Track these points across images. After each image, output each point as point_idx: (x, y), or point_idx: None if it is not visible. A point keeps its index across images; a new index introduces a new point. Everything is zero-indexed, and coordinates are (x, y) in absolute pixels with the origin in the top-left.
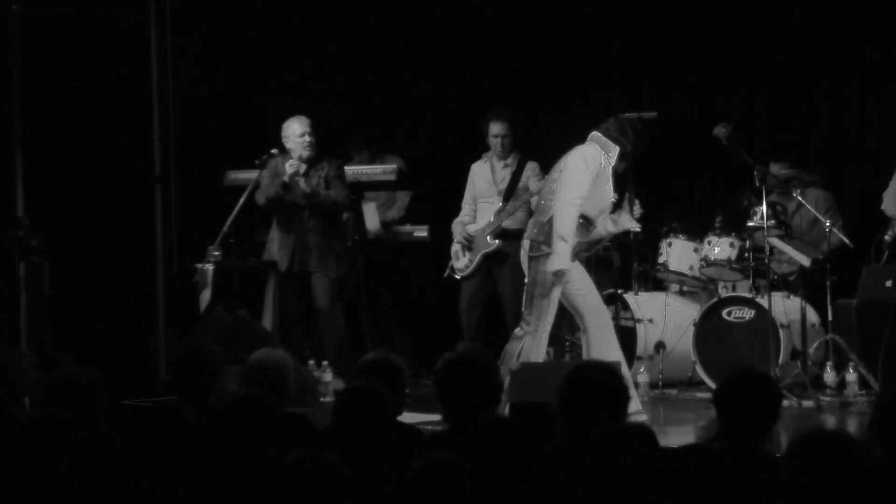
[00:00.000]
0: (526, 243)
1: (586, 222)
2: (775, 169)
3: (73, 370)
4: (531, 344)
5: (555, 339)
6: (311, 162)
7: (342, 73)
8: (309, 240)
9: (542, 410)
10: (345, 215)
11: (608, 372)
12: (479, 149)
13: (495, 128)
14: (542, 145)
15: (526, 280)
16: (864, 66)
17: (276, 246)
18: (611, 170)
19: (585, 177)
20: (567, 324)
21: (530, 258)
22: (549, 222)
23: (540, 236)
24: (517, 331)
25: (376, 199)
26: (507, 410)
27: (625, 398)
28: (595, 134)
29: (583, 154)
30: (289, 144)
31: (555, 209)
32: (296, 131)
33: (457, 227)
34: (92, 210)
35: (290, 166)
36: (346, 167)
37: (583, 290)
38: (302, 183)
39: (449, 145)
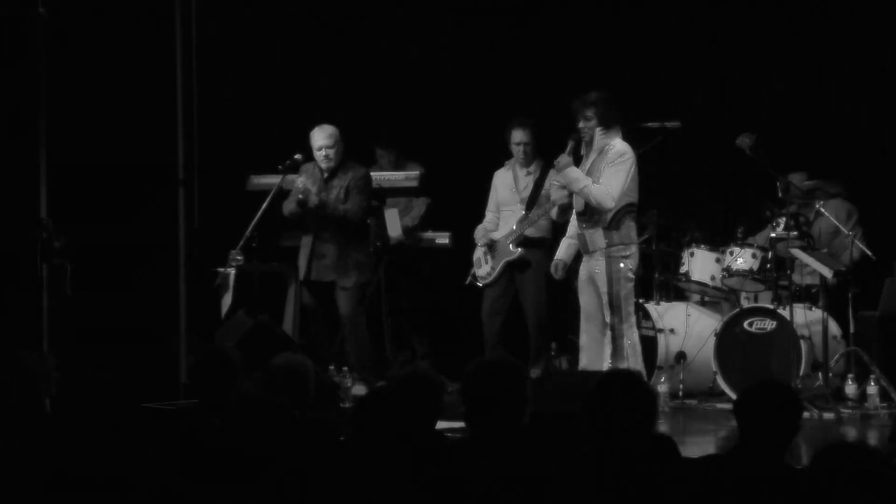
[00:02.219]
0: (598, 253)
1: (633, 209)
2: (795, 179)
3: (96, 372)
4: (619, 347)
5: (565, 345)
6: (334, 171)
7: (369, 76)
8: (324, 249)
9: (564, 419)
10: (368, 221)
11: (639, 382)
12: (502, 155)
13: (517, 135)
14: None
15: (604, 290)
16: (888, 74)
17: (302, 251)
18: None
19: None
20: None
21: (607, 259)
22: (615, 222)
23: (613, 239)
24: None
25: (395, 205)
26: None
27: (654, 410)
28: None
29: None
30: (313, 153)
31: (599, 192)
32: (315, 144)
33: (479, 233)
34: (117, 214)
35: (296, 187)
36: (372, 174)
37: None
38: (312, 195)
39: (472, 151)
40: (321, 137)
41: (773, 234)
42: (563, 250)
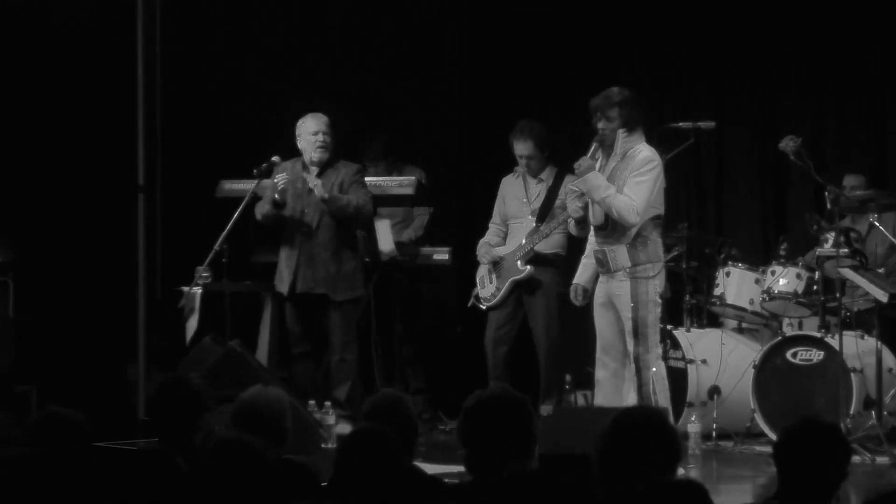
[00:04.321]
0: (621, 273)
1: (659, 221)
2: (851, 182)
3: (55, 410)
4: (643, 382)
5: (581, 378)
6: (325, 166)
7: (357, 73)
8: (317, 256)
9: (576, 462)
10: (359, 233)
11: (660, 420)
12: (510, 160)
13: (518, 148)
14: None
15: (627, 315)
16: None
17: (283, 265)
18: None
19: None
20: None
21: (632, 280)
22: (640, 237)
23: (639, 257)
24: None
25: (392, 217)
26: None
27: (677, 451)
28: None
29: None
30: (300, 143)
31: (623, 204)
32: (310, 128)
33: (482, 249)
34: (67, 224)
35: (277, 182)
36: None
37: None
38: (318, 188)
39: (476, 156)
40: (318, 123)
41: (820, 252)
42: (583, 272)
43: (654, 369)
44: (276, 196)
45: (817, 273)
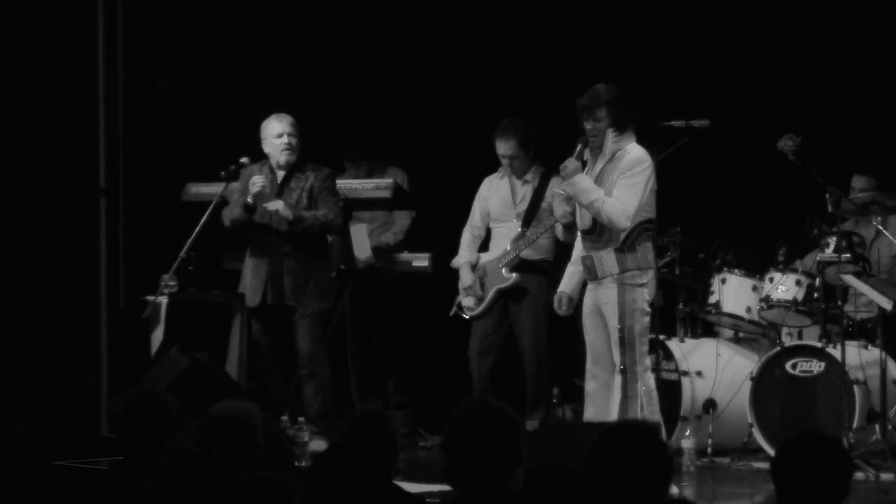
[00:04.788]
0: (608, 280)
1: (650, 226)
2: (859, 184)
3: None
4: (630, 395)
5: (569, 390)
6: (293, 169)
7: (334, 68)
8: (284, 266)
9: (564, 479)
10: (329, 239)
11: (652, 435)
12: (493, 160)
13: (501, 147)
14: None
15: (615, 325)
16: None
17: (249, 274)
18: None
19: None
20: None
21: (619, 287)
22: (629, 243)
23: (628, 264)
24: (590, 385)
25: (371, 221)
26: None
27: (670, 469)
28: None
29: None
30: (266, 148)
31: (613, 207)
32: (273, 131)
33: (467, 278)
34: (22, 228)
35: (254, 184)
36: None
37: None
38: (283, 209)
39: (458, 155)
40: (283, 124)
41: (821, 257)
42: (569, 280)
43: (642, 382)
44: (249, 200)
45: (818, 280)
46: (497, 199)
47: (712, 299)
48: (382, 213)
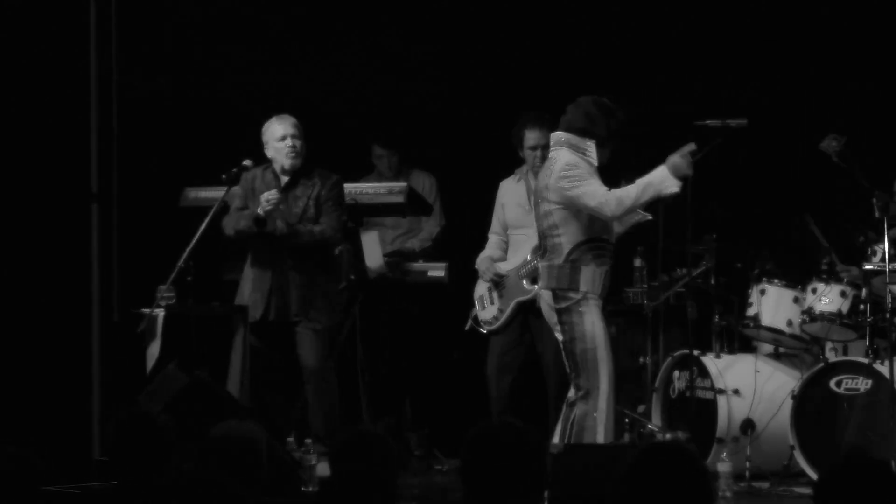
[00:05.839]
0: (547, 294)
1: (602, 247)
2: None
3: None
4: (587, 413)
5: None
6: (298, 175)
7: (343, 68)
8: (289, 280)
9: None
10: (338, 249)
11: (690, 459)
12: (510, 163)
13: (532, 137)
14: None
15: (561, 339)
16: None
17: (248, 287)
18: (594, 169)
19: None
20: (626, 394)
21: (559, 311)
22: (568, 262)
23: (563, 282)
24: (570, 395)
25: (396, 227)
26: None
27: (712, 496)
28: (559, 135)
29: (563, 169)
30: (269, 152)
31: (598, 209)
32: (276, 134)
33: (483, 264)
34: (8, 236)
35: (267, 200)
36: (345, 185)
37: (584, 338)
38: (279, 221)
39: (475, 157)
40: (286, 126)
41: (868, 267)
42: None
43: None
44: (260, 212)
45: (864, 291)
46: (513, 204)
47: (750, 312)
48: (407, 220)
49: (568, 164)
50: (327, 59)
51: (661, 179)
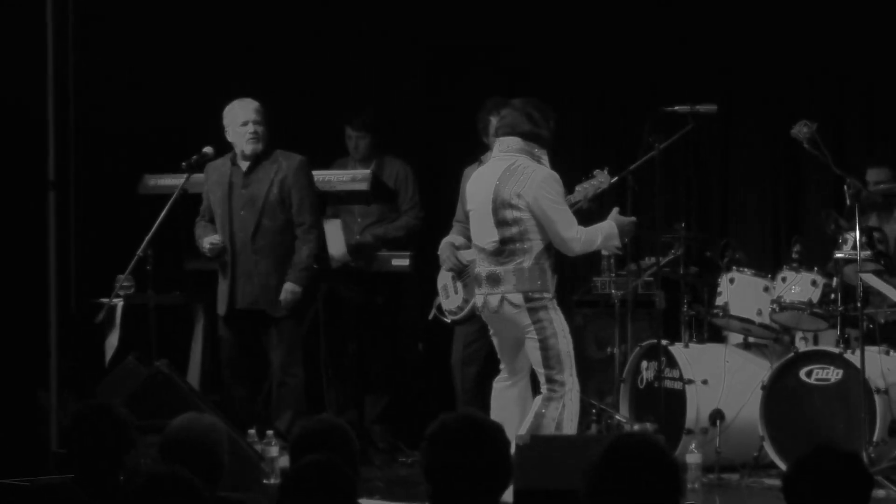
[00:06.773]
0: (517, 298)
1: (555, 252)
2: (875, 176)
3: None
4: (564, 406)
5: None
6: (259, 158)
7: (311, 50)
8: (256, 266)
9: (559, 499)
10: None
11: (659, 451)
12: (476, 148)
13: (496, 123)
14: (564, 148)
15: (537, 337)
16: None
17: (219, 278)
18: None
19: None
20: (594, 385)
21: (532, 311)
22: (537, 265)
23: (535, 284)
24: (543, 389)
25: (365, 215)
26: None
27: (680, 488)
28: (512, 141)
29: (545, 181)
30: (229, 136)
31: (567, 241)
32: (238, 118)
33: (446, 251)
34: None
35: (209, 243)
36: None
37: (560, 334)
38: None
39: (439, 145)
40: (248, 111)
41: (838, 255)
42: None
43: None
44: (207, 253)
45: (835, 279)
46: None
47: (719, 301)
48: (376, 208)
49: (548, 178)
50: (296, 40)
51: (612, 237)
